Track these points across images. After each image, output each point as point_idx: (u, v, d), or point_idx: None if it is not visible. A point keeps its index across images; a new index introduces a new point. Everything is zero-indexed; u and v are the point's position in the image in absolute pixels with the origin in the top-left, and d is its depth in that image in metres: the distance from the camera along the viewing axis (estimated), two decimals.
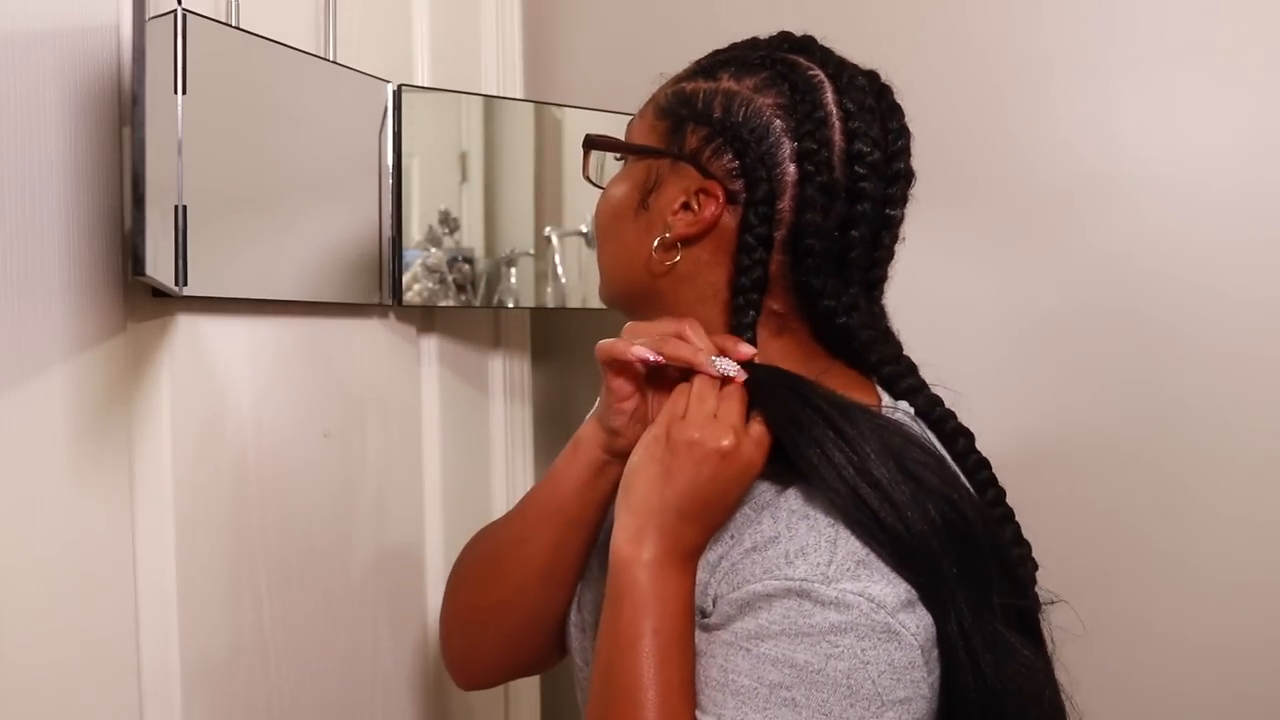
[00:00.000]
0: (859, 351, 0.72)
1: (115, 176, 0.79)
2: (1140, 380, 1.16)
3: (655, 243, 0.70)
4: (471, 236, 1.18)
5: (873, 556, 0.62)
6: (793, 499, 0.65)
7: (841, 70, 0.71)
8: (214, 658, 0.87)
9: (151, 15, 0.73)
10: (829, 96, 0.69)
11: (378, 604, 1.09)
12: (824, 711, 0.59)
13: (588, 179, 0.79)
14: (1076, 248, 1.18)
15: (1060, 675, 0.73)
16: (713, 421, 0.64)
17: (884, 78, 0.74)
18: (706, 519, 0.65)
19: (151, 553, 0.83)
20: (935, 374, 0.78)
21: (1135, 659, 1.17)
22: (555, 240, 1.24)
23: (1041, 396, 1.20)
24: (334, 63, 1.02)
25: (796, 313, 0.71)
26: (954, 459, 0.70)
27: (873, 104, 0.70)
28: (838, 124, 0.68)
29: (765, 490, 0.67)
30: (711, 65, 0.73)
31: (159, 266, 0.76)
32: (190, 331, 0.86)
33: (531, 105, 1.25)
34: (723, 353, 0.67)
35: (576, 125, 1.25)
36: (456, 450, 1.22)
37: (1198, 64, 1.13)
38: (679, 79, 0.75)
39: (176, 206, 0.80)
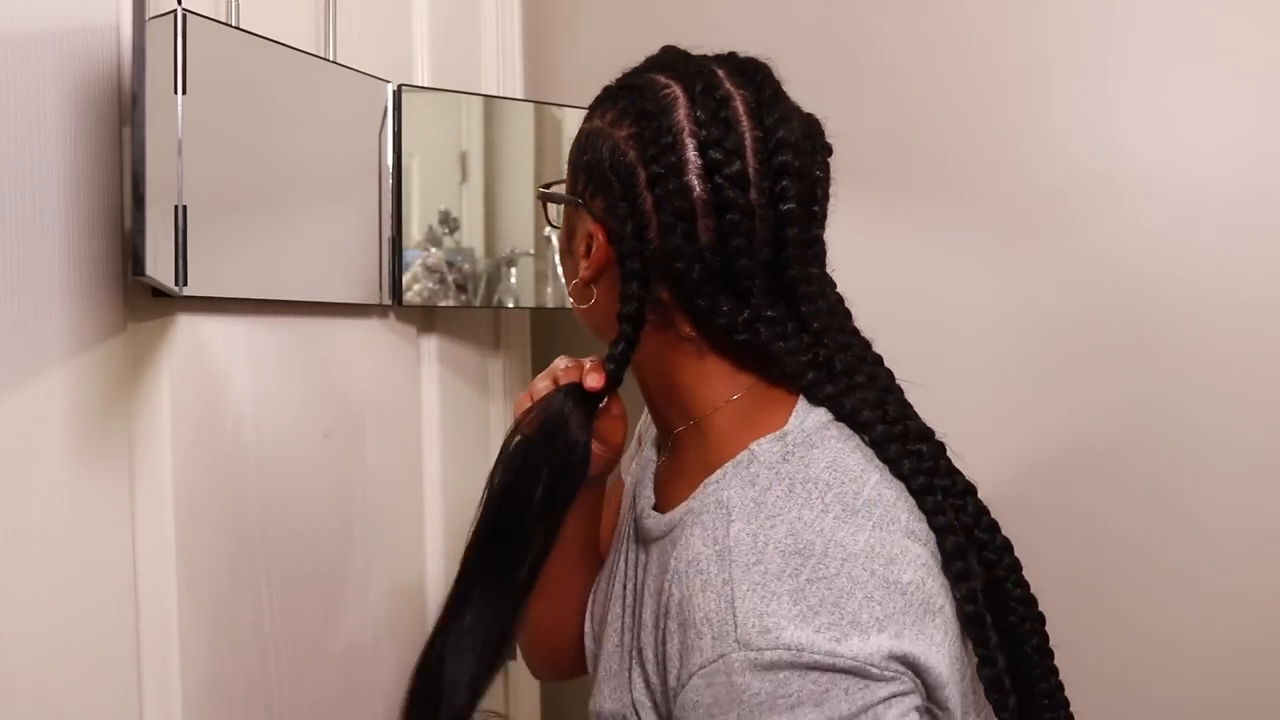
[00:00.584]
0: (771, 366, 0.69)
1: (115, 176, 0.79)
2: (1139, 381, 1.16)
3: (572, 284, 0.74)
4: (471, 236, 1.18)
5: (774, 601, 0.59)
6: (688, 537, 0.66)
7: (698, 79, 0.67)
8: (214, 657, 0.87)
9: (151, 15, 0.73)
10: (680, 114, 0.66)
11: (377, 604, 1.09)
12: None
13: (550, 223, 0.81)
14: (1075, 248, 1.18)
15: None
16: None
17: (769, 68, 0.70)
18: None
19: (151, 553, 0.83)
20: (935, 373, 0.77)
21: (1127, 663, 1.17)
22: (555, 240, 1.24)
23: (1040, 396, 1.20)
24: (334, 63, 1.02)
25: (703, 335, 0.69)
26: (887, 464, 0.67)
27: (731, 110, 0.66)
28: (689, 141, 0.65)
29: (682, 516, 0.68)
30: (595, 101, 0.73)
31: (159, 266, 0.76)
32: (190, 331, 0.86)
33: (531, 105, 1.25)
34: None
35: (576, 125, 1.24)
36: (456, 450, 1.22)
37: (1197, 64, 1.13)
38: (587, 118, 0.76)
39: (176, 206, 0.80)
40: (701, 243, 0.65)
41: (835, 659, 0.58)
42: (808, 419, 0.67)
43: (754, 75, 0.69)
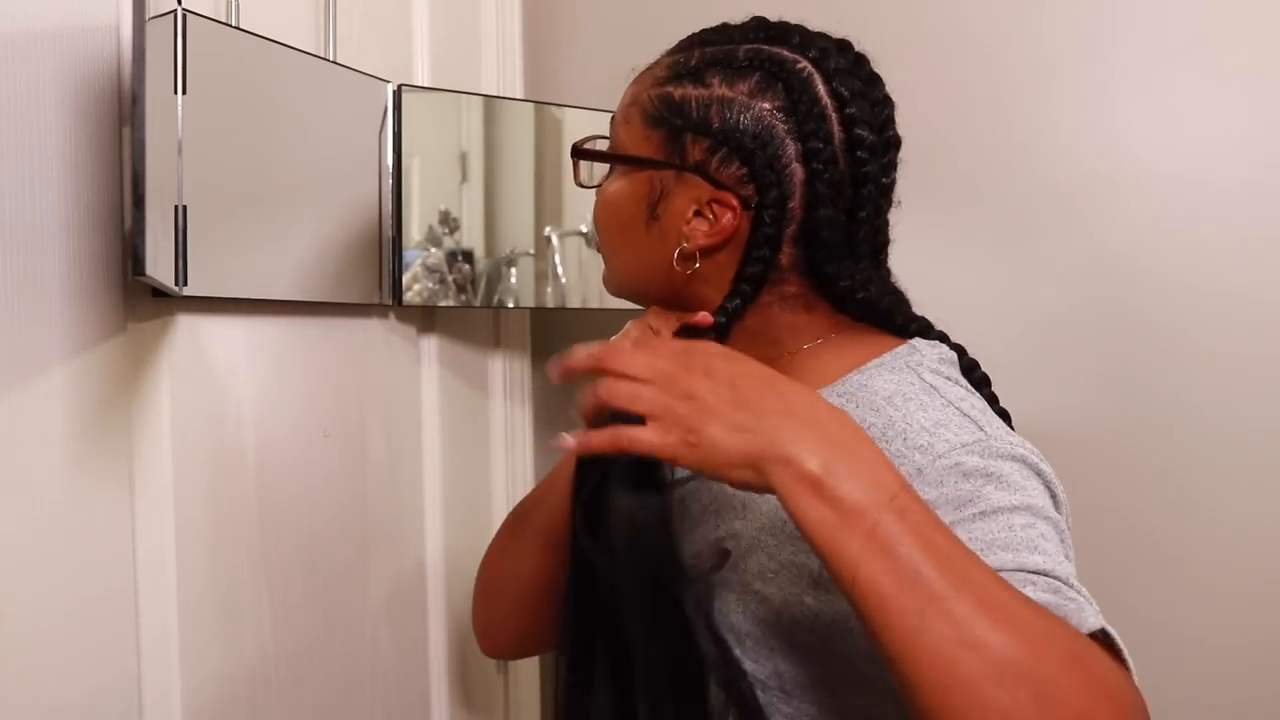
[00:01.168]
0: (883, 318, 0.75)
1: (115, 176, 0.79)
2: (1140, 380, 1.16)
3: (675, 254, 0.73)
4: (471, 236, 1.18)
5: (996, 421, 0.68)
6: (866, 393, 0.69)
7: (826, 56, 0.72)
8: (214, 658, 0.87)
9: (151, 15, 0.73)
10: (821, 89, 0.71)
11: (378, 604, 1.09)
12: (1059, 533, 0.62)
13: (579, 184, 0.81)
14: (1077, 247, 1.18)
15: None
16: (681, 348, 0.60)
17: (857, 46, 0.75)
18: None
19: (151, 553, 0.83)
20: None
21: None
22: (555, 240, 1.24)
23: (1041, 396, 1.20)
24: (334, 63, 1.02)
25: (815, 292, 0.74)
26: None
27: (859, 85, 0.72)
28: (834, 115, 0.71)
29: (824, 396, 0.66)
30: (696, 67, 0.73)
31: (159, 266, 0.76)
32: (190, 331, 0.86)
33: (531, 105, 1.25)
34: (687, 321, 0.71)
35: (576, 125, 1.25)
36: (456, 450, 1.22)
37: (1198, 64, 1.13)
38: (660, 80, 0.75)
39: (176, 206, 0.80)
40: (841, 213, 0.71)
41: (1050, 475, 0.66)
42: (939, 346, 0.75)
43: (852, 52, 0.75)
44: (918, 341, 0.74)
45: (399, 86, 1.09)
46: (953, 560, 0.51)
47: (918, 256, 0.82)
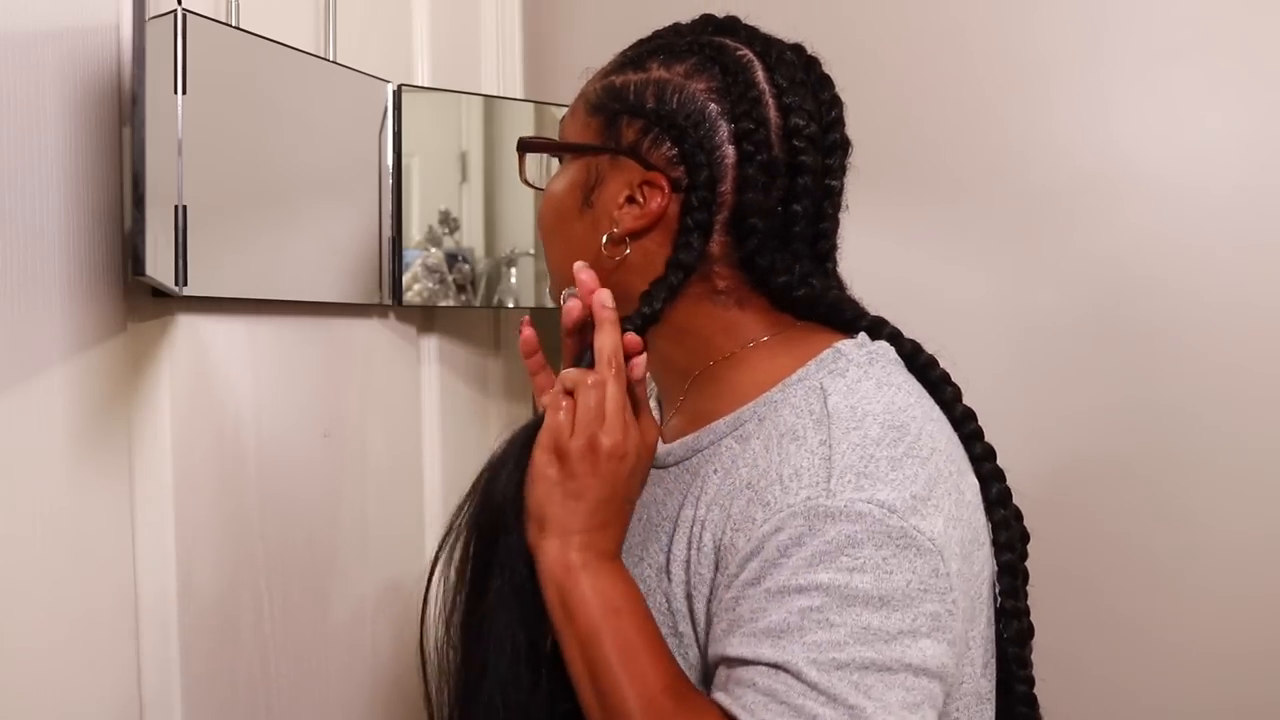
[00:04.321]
0: (829, 314, 0.72)
1: (115, 176, 0.79)
2: (1138, 381, 1.16)
3: (604, 239, 0.70)
4: (471, 236, 1.18)
5: (872, 463, 0.61)
6: (775, 417, 0.66)
7: (769, 47, 0.71)
8: (214, 658, 0.87)
9: (151, 15, 0.73)
10: (760, 74, 0.69)
11: (378, 604, 1.09)
12: (862, 626, 0.57)
13: (525, 181, 0.79)
14: (1075, 249, 1.18)
15: (1051, 677, 0.74)
16: (598, 420, 0.65)
17: (810, 50, 0.74)
18: (624, 518, 0.67)
19: (151, 551, 0.83)
20: None
21: (1125, 663, 1.17)
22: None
23: (1038, 397, 1.20)
24: (334, 63, 1.02)
25: (748, 287, 0.71)
26: (940, 406, 0.70)
27: (803, 77, 0.71)
28: (771, 101, 0.69)
29: (747, 415, 0.68)
30: (638, 56, 0.73)
31: (159, 266, 0.76)
32: (190, 331, 0.86)
33: (531, 105, 1.25)
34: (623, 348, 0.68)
35: None
36: (456, 450, 1.22)
37: (1197, 65, 1.13)
38: (606, 73, 0.75)
39: (176, 206, 0.80)
40: (774, 200, 0.69)
41: (918, 533, 0.59)
42: (877, 343, 0.71)
43: (804, 53, 0.73)
44: (844, 344, 0.69)
45: (399, 86, 1.09)
46: (636, 676, 0.61)
47: (916, 258, 0.82)
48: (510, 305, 1.23)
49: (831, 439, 0.62)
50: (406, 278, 1.10)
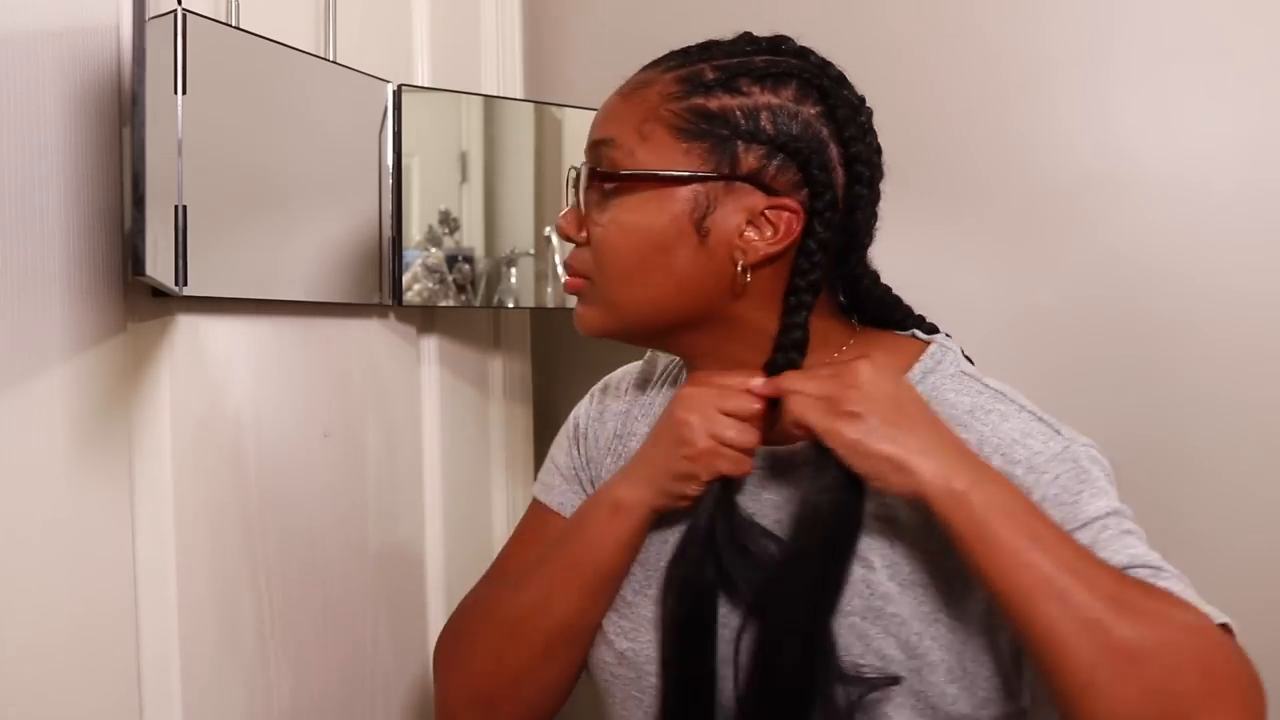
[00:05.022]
0: (887, 316, 0.79)
1: (115, 176, 0.79)
2: (1139, 380, 1.16)
3: (739, 267, 0.70)
4: (471, 236, 1.18)
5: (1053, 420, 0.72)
6: (940, 404, 0.71)
7: (823, 70, 0.73)
8: (214, 657, 0.87)
9: (151, 15, 0.73)
10: (850, 94, 0.73)
11: (378, 604, 1.09)
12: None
13: (579, 213, 0.74)
14: (1077, 247, 1.18)
15: None
16: (716, 418, 0.70)
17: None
18: (674, 494, 0.72)
19: (151, 552, 0.83)
20: None
21: None
22: (555, 240, 1.24)
23: (1041, 396, 1.20)
24: (334, 63, 1.02)
25: (830, 295, 0.76)
26: None
27: (854, 97, 0.74)
28: (864, 120, 0.74)
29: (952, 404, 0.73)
30: (724, 79, 0.71)
31: (159, 266, 0.76)
32: (190, 331, 0.86)
33: (531, 105, 1.25)
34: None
35: (576, 125, 1.25)
36: (456, 450, 1.22)
37: (1198, 64, 1.13)
38: (676, 95, 0.71)
39: (176, 206, 0.80)
40: (869, 215, 0.74)
41: (1109, 466, 0.72)
42: (947, 338, 0.78)
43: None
44: (941, 341, 0.77)
45: (399, 86, 1.09)
46: (1082, 552, 0.63)
47: (918, 257, 0.83)
48: (510, 305, 1.23)
49: (1021, 404, 0.72)
50: (406, 278, 1.10)
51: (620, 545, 0.75)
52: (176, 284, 0.80)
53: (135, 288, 0.81)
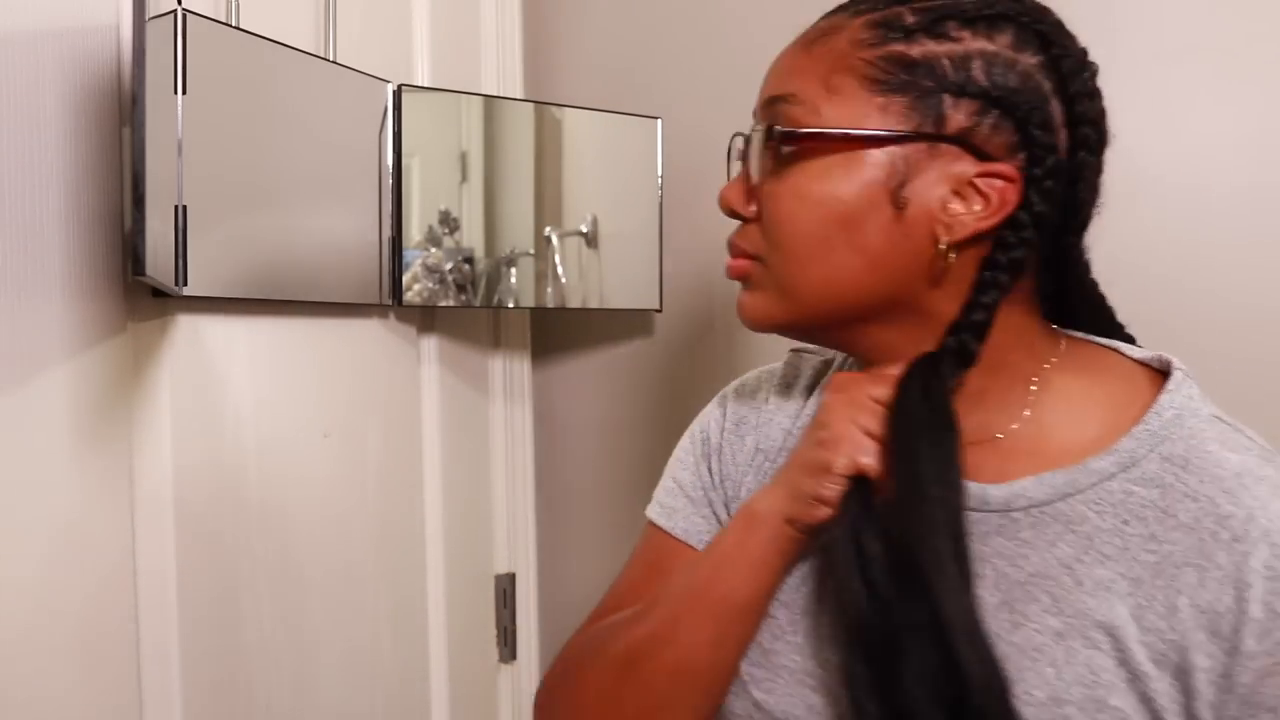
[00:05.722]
0: (1095, 319, 0.68)
1: (115, 176, 0.79)
2: None
3: (942, 245, 0.59)
4: (471, 236, 1.18)
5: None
6: (1197, 457, 0.58)
7: (1042, 14, 0.61)
8: (214, 658, 0.87)
9: (151, 15, 0.73)
10: (1074, 43, 0.61)
11: (378, 604, 1.09)
12: None
13: (749, 184, 0.64)
14: None
15: None
16: (863, 404, 0.60)
17: None
18: (809, 495, 0.60)
19: (151, 552, 0.83)
20: None
21: None
22: (555, 240, 1.24)
23: None
24: (334, 63, 1.02)
25: (1033, 292, 0.63)
26: None
27: (1078, 47, 0.62)
28: (1089, 76, 0.62)
29: (1138, 454, 0.59)
30: (927, 22, 0.59)
31: (159, 266, 0.76)
32: (190, 331, 0.86)
33: (531, 105, 1.25)
34: None
35: (576, 125, 1.25)
36: (456, 450, 1.22)
37: (1198, 64, 1.13)
38: (869, 42, 0.60)
39: (176, 206, 0.80)
40: (1093, 191, 0.62)
41: None
42: (1188, 377, 0.64)
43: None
44: (1180, 367, 0.64)
45: (399, 86, 1.09)
46: None
47: None
48: (510, 305, 1.23)
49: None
50: (406, 278, 1.10)
51: (754, 564, 0.62)
52: (176, 284, 0.81)
53: (135, 288, 0.81)
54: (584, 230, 1.24)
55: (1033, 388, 0.63)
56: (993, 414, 0.63)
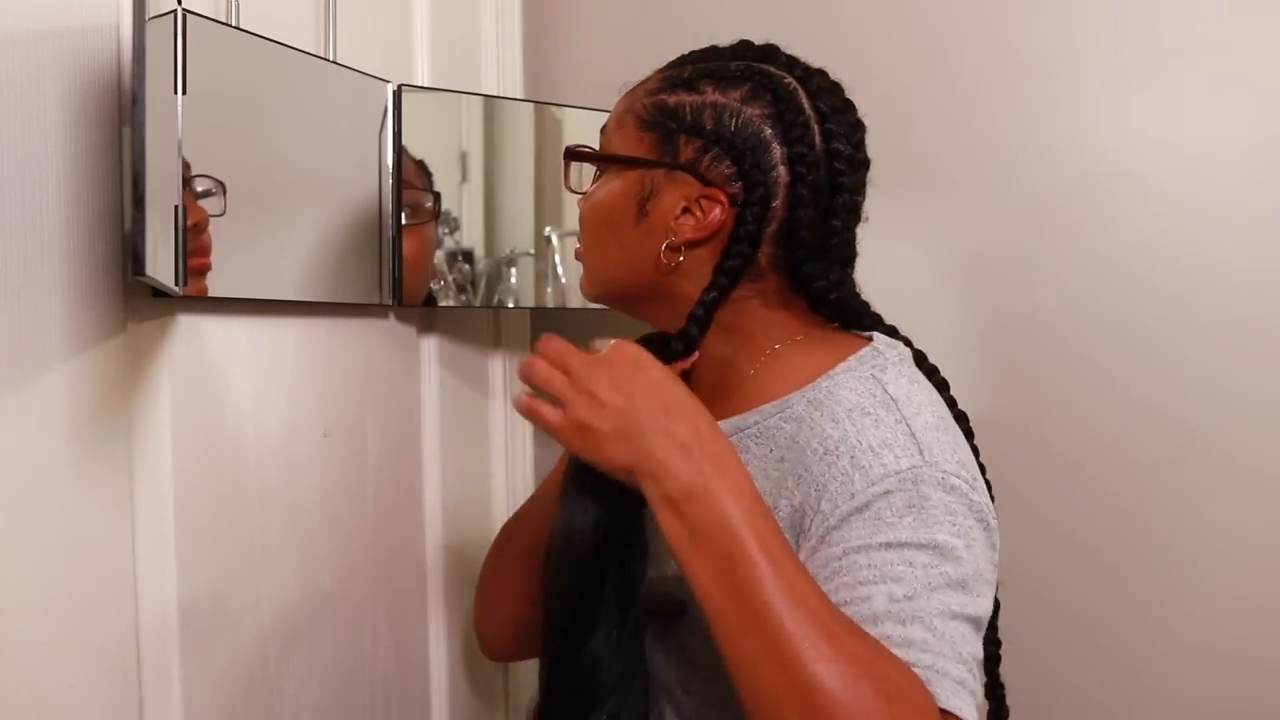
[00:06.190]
0: (853, 319, 0.80)
1: (115, 176, 0.79)
2: (1140, 381, 1.16)
3: (664, 246, 0.77)
4: (471, 236, 1.18)
5: (941, 446, 0.69)
6: (832, 400, 0.72)
7: (809, 75, 0.78)
8: (214, 658, 0.87)
9: (151, 15, 0.73)
10: (805, 102, 0.76)
11: (378, 604, 1.09)
12: (958, 582, 0.64)
13: (569, 188, 0.87)
14: (1076, 249, 1.18)
15: (1049, 677, 0.75)
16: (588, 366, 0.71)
17: (832, 74, 0.81)
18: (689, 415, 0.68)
19: (152, 553, 0.83)
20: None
21: (1127, 661, 1.17)
22: (555, 240, 1.24)
23: (1040, 396, 1.20)
24: (334, 63, 1.02)
25: (789, 291, 0.79)
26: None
27: (839, 104, 0.78)
28: (816, 127, 0.76)
29: (795, 400, 0.74)
30: (689, 78, 0.78)
31: (159, 266, 0.76)
32: (190, 331, 0.86)
33: (531, 105, 1.25)
34: None
35: (576, 125, 1.25)
36: (456, 450, 1.22)
37: (1198, 64, 1.13)
38: (653, 90, 0.80)
39: (176, 206, 0.80)
40: (818, 216, 0.76)
41: (988, 509, 0.69)
42: (898, 346, 0.79)
43: (828, 77, 0.80)
44: (879, 341, 0.78)
45: (399, 86, 1.09)
46: (793, 585, 0.59)
47: (913, 260, 0.83)
48: (510, 305, 1.23)
49: (905, 418, 0.70)
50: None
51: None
52: (176, 284, 0.80)
53: (135, 288, 0.81)
54: None
55: (763, 357, 0.79)
56: (731, 373, 0.80)
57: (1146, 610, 1.16)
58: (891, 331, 0.81)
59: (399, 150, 1.09)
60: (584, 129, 1.26)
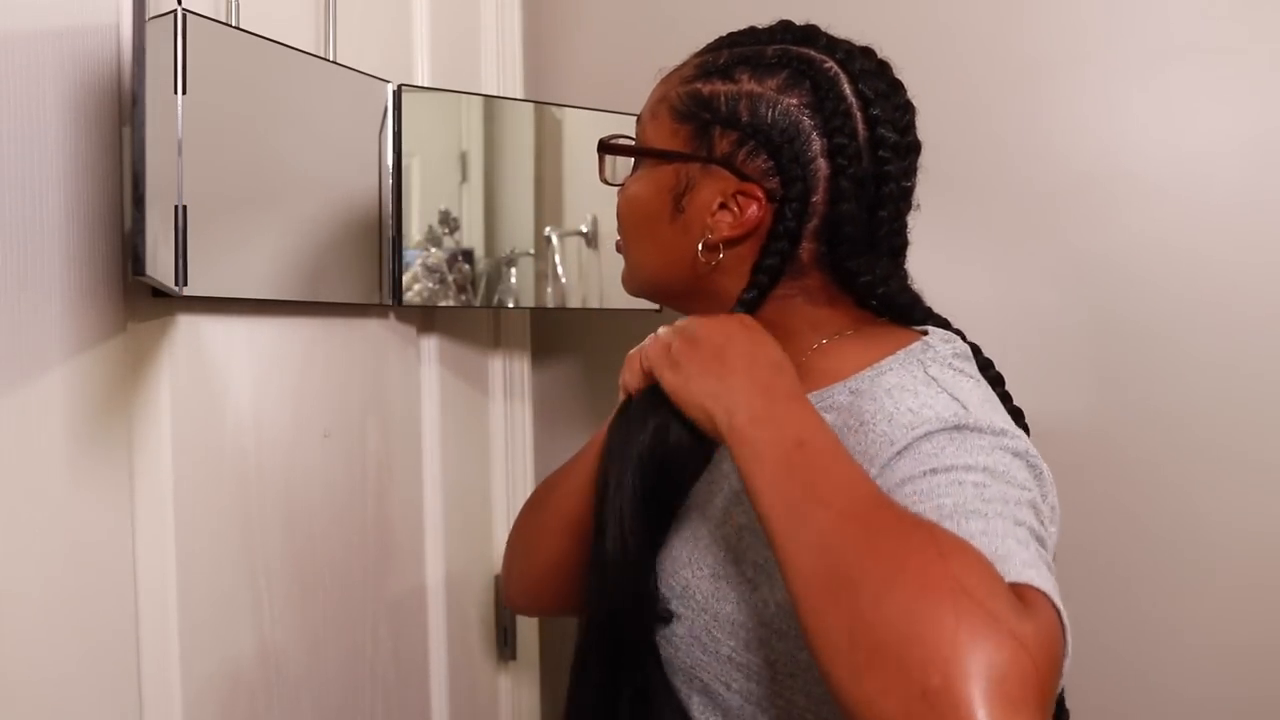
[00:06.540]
0: (902, 314, 0.77)
1: (115, 176, 0.79)
2: (1140, 381, 1.16)
3: (700, 245, 0.74)
4: (471, 236, 1.18)
5: (990, 407, 0.66)
6: (873, 387, 0.69)
7: (851, 57, 0.73)
8: (214, 658, 0.87)
9: (151, 15, 0.73)
10: (847, 88, 0.72)
11: (378, 604, 1.09)
12: (1028, 506, 0.60)
13: (605, 180, 0.82)
14: (1074, 249, 1.18)
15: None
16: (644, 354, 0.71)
17: (879, 54, 0.77)
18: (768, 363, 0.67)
19: (152, 553, 0.83)
20: None
21: (1127, 661, 1.17)
22: (555, 240, 1.24)
23: (1040, 396, 1.20)
24: (334, 63, 1.02)
25: (835, 287, 0.75)
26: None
27: (883, 87, 0.73)
28: (859, 114, 0.72)
29: (838, 390, 0.72)
30: (725, 65, 0.74)
31: (159, 266, 0.76)
32: (190, 331, 0.86)
33: (531, 105, 1.25)
34: None
35: (576, 125, 1.25)
36: (456, 450, 1.22)
37: (1198, 64, 1.13)
38: (688, 79, 0.76)
39: (176, 206, 0.80)
40: (862, 208, 0.72)
41: (1032, 456, 0.64)
42: (955, 340, 0.75)
43: (874, 56, 0.76)
44: (933, 336, 0.74)
45: (399, 86, 1.09)
46: (844, 481, 0.56)
47: (916, 258, 0.83)
48: (510, 305, 1.23)
49: (947, 389, 0.67)
50: (406, 278, 1.10)
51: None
52: (176, 284, 0.80)
53: (135, 288, 0.81)
54: (584, 230, 1.24)
55: (809, 352, 0.76)
56: None
57: (1147, 610, 1.16)
58: (945, 325, 0.78)
59: (399, 150, 1.09)
60: (584, 129, 1.26)
